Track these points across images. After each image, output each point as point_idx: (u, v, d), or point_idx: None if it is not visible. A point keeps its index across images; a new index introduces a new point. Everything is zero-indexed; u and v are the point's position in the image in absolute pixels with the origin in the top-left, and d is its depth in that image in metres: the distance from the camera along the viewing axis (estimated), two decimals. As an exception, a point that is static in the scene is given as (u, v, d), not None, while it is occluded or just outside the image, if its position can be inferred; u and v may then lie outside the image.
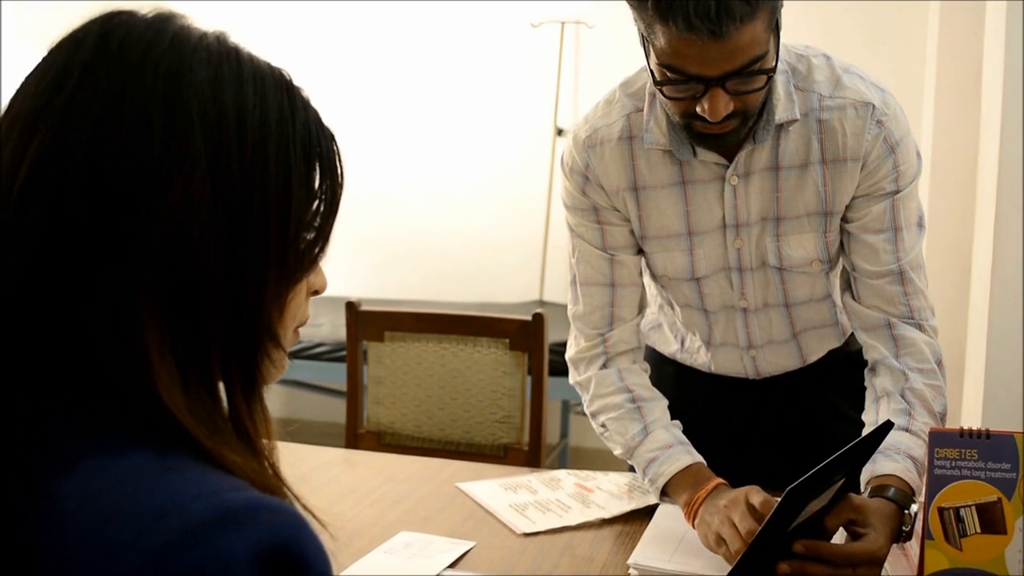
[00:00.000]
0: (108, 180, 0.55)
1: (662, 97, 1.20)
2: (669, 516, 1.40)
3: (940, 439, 1.11)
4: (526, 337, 1.99)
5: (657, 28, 1.10)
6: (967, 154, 2.85)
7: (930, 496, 1.11)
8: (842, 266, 1.40)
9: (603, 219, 1.38)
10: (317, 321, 3.42)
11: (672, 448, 1.36)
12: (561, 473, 1.64)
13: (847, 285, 1.39)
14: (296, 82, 0.64)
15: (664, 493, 1.36)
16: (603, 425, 1.44)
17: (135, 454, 0.55)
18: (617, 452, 1.43)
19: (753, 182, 1.31)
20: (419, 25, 4.05)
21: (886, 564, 1.13)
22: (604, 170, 1.35)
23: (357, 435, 2.08)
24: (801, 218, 1.32)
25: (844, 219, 1.34)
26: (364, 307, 2.11)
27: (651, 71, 1.18)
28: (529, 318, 1.98)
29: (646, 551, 1.27)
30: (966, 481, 1.10)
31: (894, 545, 1.17)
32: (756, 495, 1.17)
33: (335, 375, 3.13)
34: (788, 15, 1.19)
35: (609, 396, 1.42)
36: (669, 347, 1.60)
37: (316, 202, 0.63)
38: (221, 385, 0.60)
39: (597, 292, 1.41)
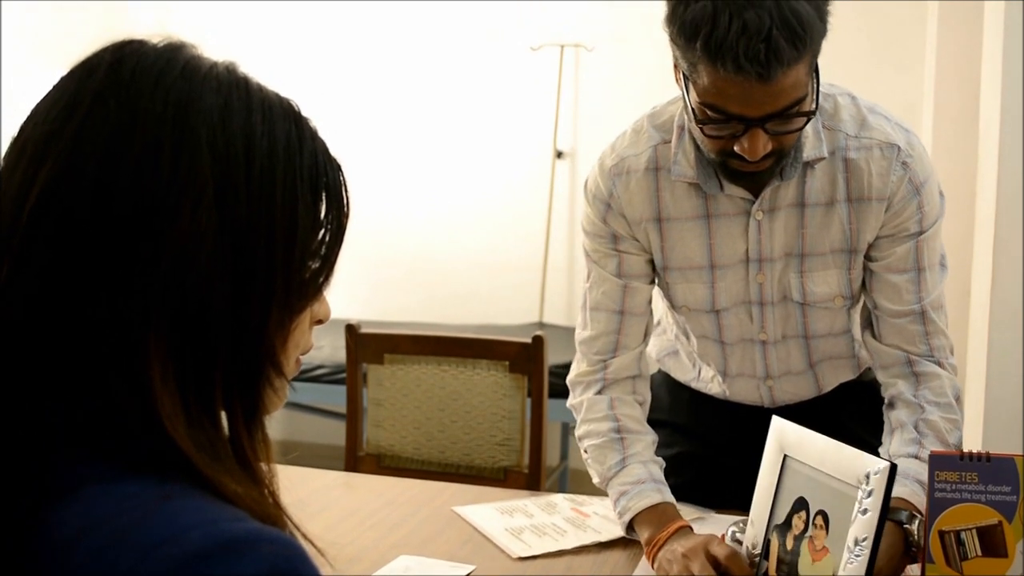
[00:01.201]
0: (117, 206, 0.56)
1: (699, 135, 1.22)
2: (669, 539, 1.40)
3: (940, 462, 1.12)
4: (526, 359, 1.99)
5: (702, 68, 1.11)
6: (966, 175, 2.86)
7: (931, 519, 1.12)
8: (863, 303, 1.42)
9: (621, 247, 1.39)
10: (317, 343, 3.41)
11: (644, 484, 1.36)
12: (557, 497, 1.64)
13: (868, 323, 1.41)
14: (304, 112, 0.65)
15: (631, 528, 1.37)
16: (586, 451, 1.44)
17: (135, 482, 0.55)
18: (595, 480, 1.43)
19: (778, 218, 1.33)
20: (419, 49, 4.08)
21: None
22: (628, 199, 1.36)
23: (357, 458, 2.08)
24: (826, 255, 1.34)
25: (868, 258, 1.36)
26: (364, 329, 2.11)
27: (691, 109, 1.19)
28: (529, 340, 1.99)
29: (648, 573, 1.27)
30: (966, 504, 1.11)
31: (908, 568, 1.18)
32: (719, 547, 1.18)
33: (335, 397, 3.13)
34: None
35: (596, 423, 1.42)
36: (686, 375, 1.62)
37: (322, 231, 0.64)
38: (223, 412, 0.61)
39: (606, 318, 1.42)
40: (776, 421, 1.19)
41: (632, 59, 3.78)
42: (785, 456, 1.15)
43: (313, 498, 1.61)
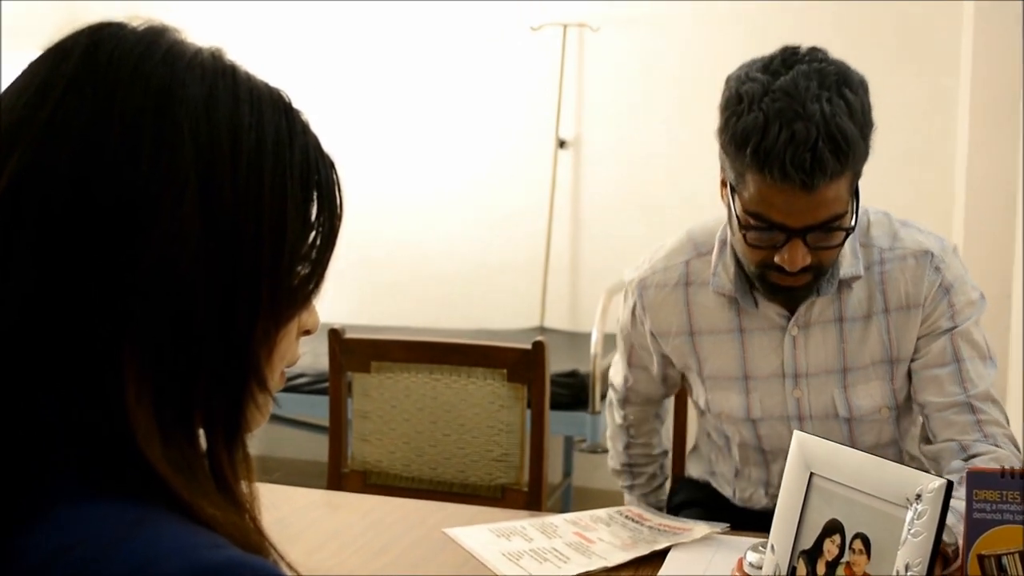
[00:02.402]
0: (91, 203, 0.55)
1: (741, 246, 1.37)
2: (682, 561, 1.40)
3: (979, 480, 1.10)
4: (526, 367, 1.98)
5: (749, 177, 1.27)
6: (1005, 175, 2.86)
7: (969, 542, 1.10)
8: (920, 421, 1.50)
9: (633, 358, 1.65)
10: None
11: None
12: (558, 519, 1.63)
13: (923, 435, 1.48)
14: (295, 104, 0.64)
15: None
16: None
17: (107, 505, 0.54)
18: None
19: (814, 334, 1.47)
20: (410, 28, 4.07)
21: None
22: (654, 313, 1.54)
23: (341, 475, 2.07)
24: (867, 367, 1.47)
25: (910, 361, 1.48)
26: (349, 335, 2.10)
27: (736, 217, 1.33)
28: (529, 347, 1.98)
29: (658, 603, 1.26)
30: (1008, 526, 1.09)
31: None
32: None
33: (316, 409, 3.11)
34: (819, 17, 1.23)
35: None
36: (724, 490, 1.73)
37: (312, 234, 0.63)
38: (201, 431, 0.60)
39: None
40: (799, 436, 1.18)
41: (640, 40, 3.78)
42: (812, 474, 1.14)
43: (292, 519, 1.60)
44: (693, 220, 1.67)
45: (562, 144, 3.97)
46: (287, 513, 1.62)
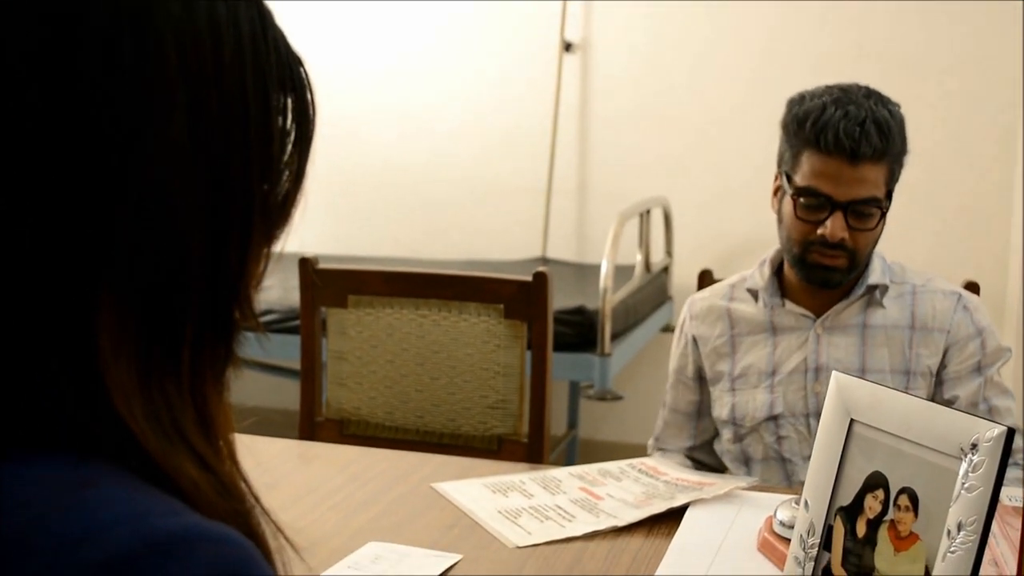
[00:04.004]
0: (63, 122, 0.55)
1: (790, 222, 1.74)
2: (702, 520, 1.41)
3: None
4: (525, 302, 1.98)
5: (804, 153, 1.70)
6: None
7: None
8: None
9: (681, 377, 1.94)
10: (263, 283, 3.39)
11: None
12: (561, 473, 1.64)
13: None
14: None
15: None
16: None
17: (45, 464, 0.54)
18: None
19: (838, 335, 1.81)
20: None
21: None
22: (699, 321, 1.91)
23: (314, 424, 2.09)
24: (884, 373, 1.77)
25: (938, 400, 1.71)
26: (323, 265, 2.10)
27: (788, 194, 1.74)
28: (529, 279, 1.98)
29: (676, 565, 1.28)
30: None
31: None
32: None
33: (286, 350, 3.12)
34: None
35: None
36: None
37: (292, 139, 0.65)
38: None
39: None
40: (838, 377, 1.18)
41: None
42: (852, 421, 1.14)
43: (260, 472, 1.60)
44: (714, 134, 1.84)
45: (568, 47, 3.92)
46: (254, 465, 1.62)
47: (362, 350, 2.08)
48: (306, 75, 0.66)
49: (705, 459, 1.95)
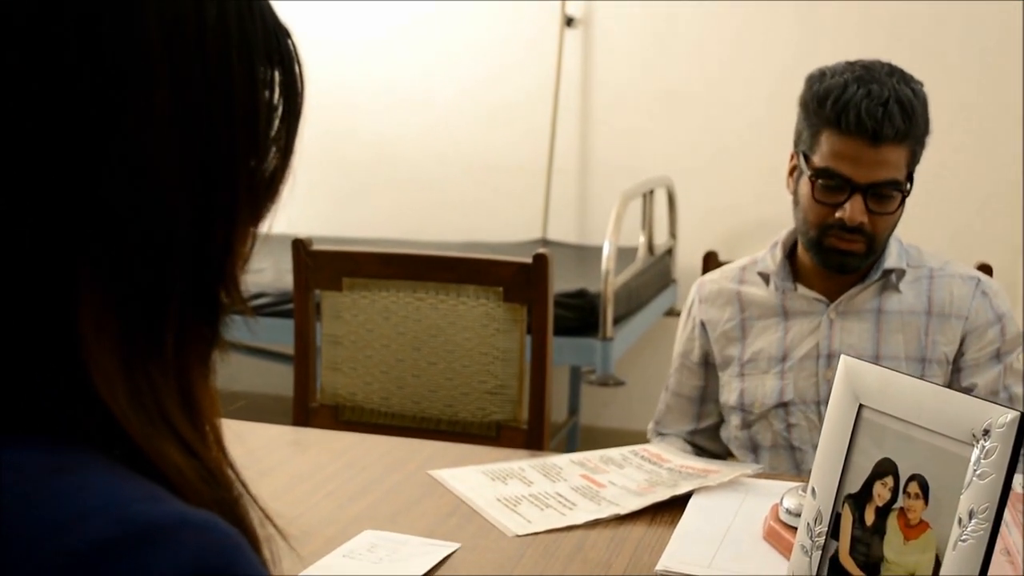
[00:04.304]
0: (44, 94, 0.55)
1: (807, 203, 1.72)
2: (706, 508, 1.41)
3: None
4: (525, 285, 1.98)
5: (824, 133, 1.67)
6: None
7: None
8: None
9: (687, 361, 1.94)
10: (256, 265, 3.39)
11: None
12: (562, 460, 1.65)
13: None
14: None
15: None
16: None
17: (23, 449, 0.54)
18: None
19: (851, 320, 1.80)
20: None
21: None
22: (708, 304, 1.90)
23: (308, 410, 2.09)
24: (899, 360, 1.77)
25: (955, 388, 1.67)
26: (317, 246, 2.09)
27: (806, 175, 1.72)
28: (529, 261, 1.97)
29: (679, 553, 1.28)
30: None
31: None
32: None
33: (279, 334, 3.12)
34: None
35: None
36: None
37: (279, 113, 0.65)
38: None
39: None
40: (847, 361, 1.18)
41: None
42: (861, 406, 1.14)
43: (252, 458, 1.60)
44: (720, 112, 1.81)
45: (569, 22, 3.91)
46: (246, 452, 1.63)
47: (357, 334, 2.08)
48: (294, 47, 0.66)
49: (706, 444, 1.95)
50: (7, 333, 0.56)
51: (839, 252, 1.73)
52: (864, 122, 1.62)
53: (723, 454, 1.93)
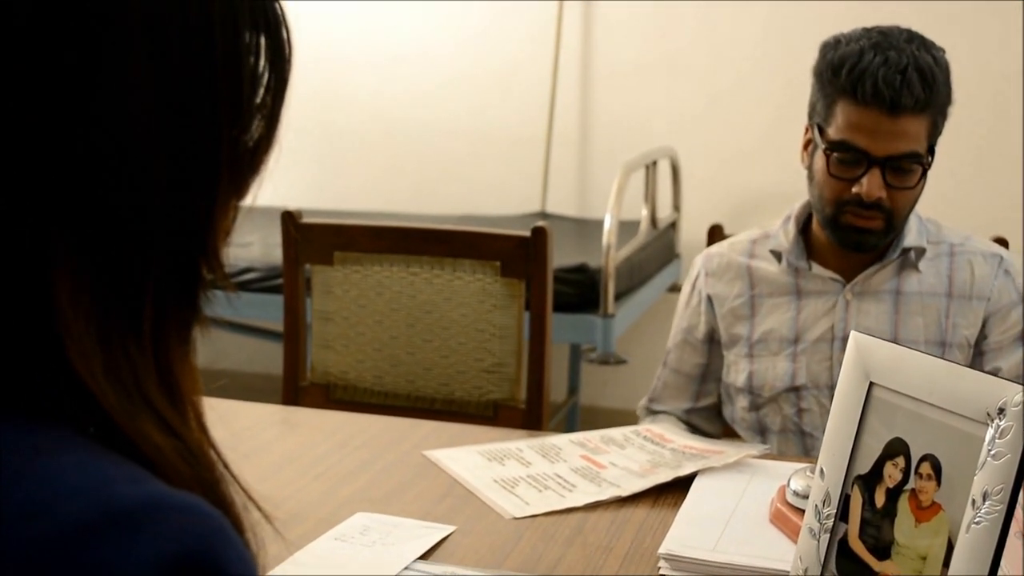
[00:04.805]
0: (12, 58, 0.54)
1: (822, 179, 1.69)
2: (710, 490, 1.42)
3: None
4: (523, 259, 1.98)
5: (839, 104, 1.64)
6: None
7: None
8: None
9: (689, 337, 1.91)
10: (242, 239, 3.40)
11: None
12: (562, 440, 1.65)
13: None
14: None
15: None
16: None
17: (5, 429, 0.54)
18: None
19: (869, 302, 1.77)
20: None
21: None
22: (715, 279, 1.87)
23: (298, 389, 2.09)
24: (918, 344, 1.74)
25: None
26: (306, 219, 2.09)
27: (820, 148, 1.69)
28: (528, 234, 1.97)
29: (682, 536, 1.29)
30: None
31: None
32: None
33: (268, 310, 3.12)
34: None
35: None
36: None
37: (264, 82, 0.65)
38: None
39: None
40: (857, 337, 1.18)
41: None
42: (871, 384, 1.14)
43: (241, 438, 1.61)
44: (726, 80, 1.79)
45: (569, -14, 3.90)
46: (234, 432, 1.63)
47: (349, 310, 2.08)
48: (281, 12, 0.65)
49: (702, 424, 1.92)
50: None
51: (856, 230, 1.69)
52: (881, 91, 1.59)
53: (718, 435, 1.92)
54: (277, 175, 0.68)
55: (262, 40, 0.64)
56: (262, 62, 0.64)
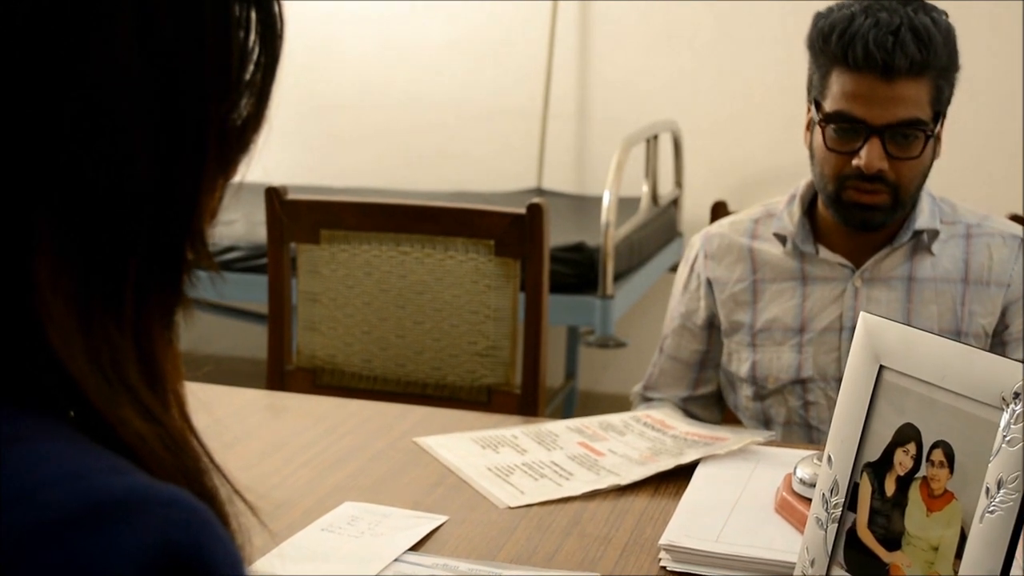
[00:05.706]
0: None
1: (821, 155, 1.67)
2: (713, 478, 1.42)
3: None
4: (519, 238, 1.98)
5: (833, 73, 1.63)
6: None
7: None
8: None
9: (688, 323, 1.89)
10: (226, 216, 3.39)
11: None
12: (558, 426, 1.65)
13: None
14: None
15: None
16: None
17: None
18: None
19: (879, 289, 1.74)
20: None
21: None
22: (716, 261, 1.85)
23: (283, 373, 2.09)
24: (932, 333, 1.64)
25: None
26: (292, 196, 2.09)
27: (817, 122, 1.68)
28: (523, 212, 1.97)
29: (684, 527, 1.29)
30: None
31: None
32: None
33: (252, 291, 3.13)
34: None
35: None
36: None
37: (254, 58, 0.65)
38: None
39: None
40: (866, 318, 1.18)
41: None
42: (881, 367, 1.14)
43: (225, 426, 1.61)
44: (729, 51, 1.79)
45: (567, -49, 3.89)
46: (217, 419, 1.63)
47: (336, 291, 2.08)
48: None
49: (700, 412, 1.91)
50: None
51: (860, 207, 1.66)
52: (873, 53, 1.56)
53: (717, 423, 1.90)
54: (263, 151, 0.69)
55: (252, 14, 0.64)
56: (252, 37, 0.64)
